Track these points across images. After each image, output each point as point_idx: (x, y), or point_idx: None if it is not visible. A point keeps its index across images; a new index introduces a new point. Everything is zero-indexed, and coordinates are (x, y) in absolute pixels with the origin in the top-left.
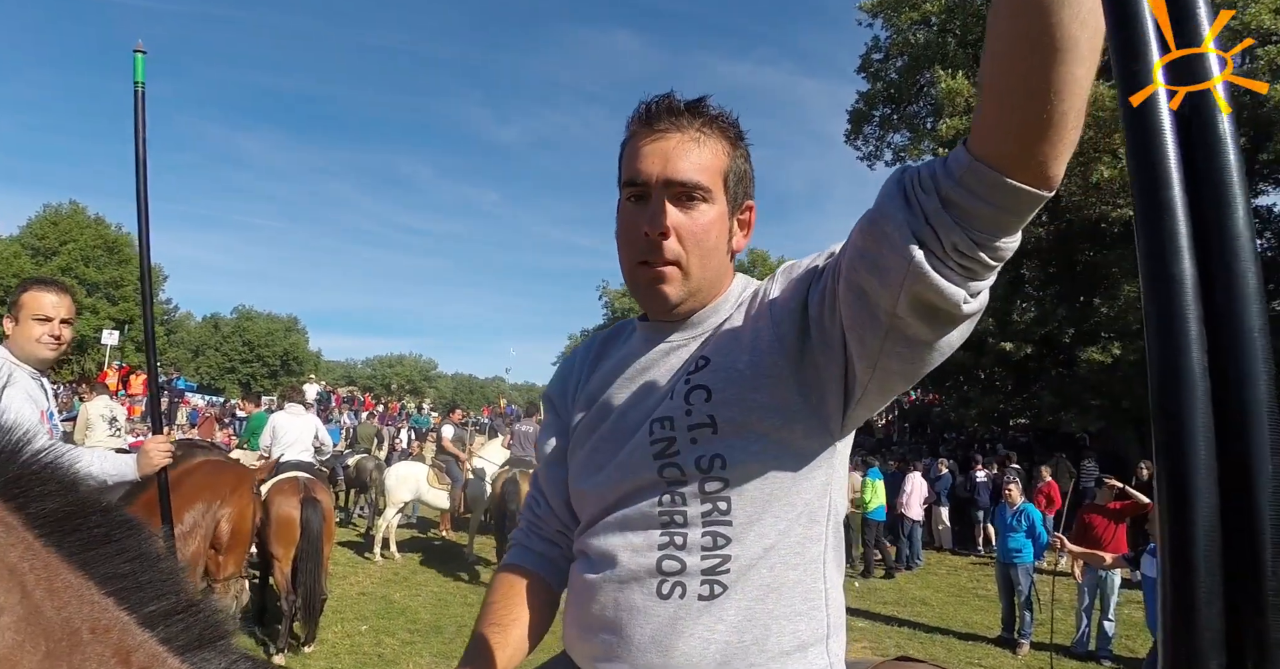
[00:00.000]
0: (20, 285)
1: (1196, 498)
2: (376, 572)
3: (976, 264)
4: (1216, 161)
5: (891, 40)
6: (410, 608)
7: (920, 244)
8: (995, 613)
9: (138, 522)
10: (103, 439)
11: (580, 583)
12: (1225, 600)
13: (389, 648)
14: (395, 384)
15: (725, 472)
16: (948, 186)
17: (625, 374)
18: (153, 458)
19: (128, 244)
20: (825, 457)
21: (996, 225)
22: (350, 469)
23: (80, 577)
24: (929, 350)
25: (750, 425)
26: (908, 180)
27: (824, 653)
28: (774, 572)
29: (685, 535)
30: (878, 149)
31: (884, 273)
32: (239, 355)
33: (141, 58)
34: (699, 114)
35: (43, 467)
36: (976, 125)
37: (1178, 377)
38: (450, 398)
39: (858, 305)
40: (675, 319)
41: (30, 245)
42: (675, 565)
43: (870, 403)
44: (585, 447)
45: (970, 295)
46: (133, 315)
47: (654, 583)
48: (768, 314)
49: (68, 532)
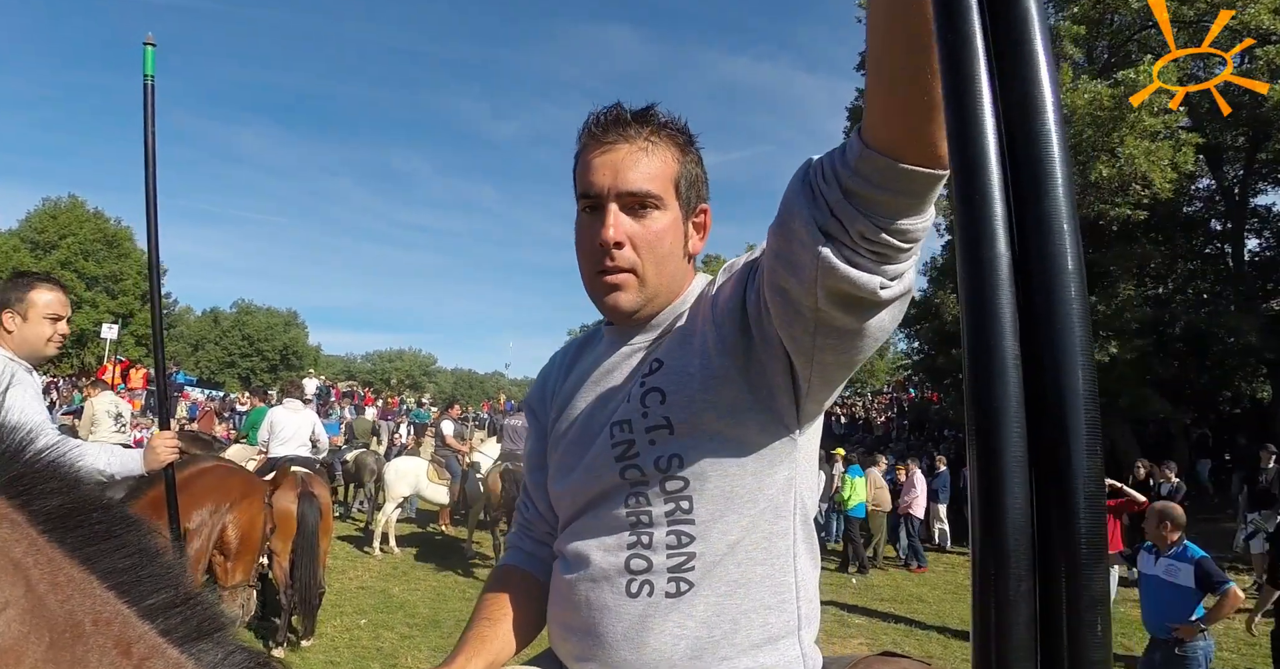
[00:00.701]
0: (21, 282)
1: (1008, 496)
2: (375, 566)
3: (887, 249)
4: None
5: None
6: (409, 602)
7: (827, 236)
8: None
9: (138, 518)
10: (108, 435)
11: (559, 583)
12: (1037, 606)
13: (388, 642)
14: (395, 379)
15: (684, 471)
16: (846, 176)
17: (592, 377)
18: (159, 453)
19: (127, 238)
20: (785, 452)
21: (898, 209)
22: (349, 464)
23: (82, 571)
24: (860, 337)
25: (704, 425)
26: (812, 174)
27: (795, 644)
28: (741, 567)
29: (651, 535)
30: None
31: (798, 270)
32: (239, 350)
33: (151, 51)
34: (646, 123)
35: (45, 465)
36: (866, 114)
37: (991, 366)
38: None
39: (782, 305)
40: (636, 323)
41: (30, 239)
42: (643, 564)
43: (817, 395)
44: (559, 450)
45: (889, 279)
46: (131, 309)
47: (623, 582)
48: (710, 315)
49: (70, 528)
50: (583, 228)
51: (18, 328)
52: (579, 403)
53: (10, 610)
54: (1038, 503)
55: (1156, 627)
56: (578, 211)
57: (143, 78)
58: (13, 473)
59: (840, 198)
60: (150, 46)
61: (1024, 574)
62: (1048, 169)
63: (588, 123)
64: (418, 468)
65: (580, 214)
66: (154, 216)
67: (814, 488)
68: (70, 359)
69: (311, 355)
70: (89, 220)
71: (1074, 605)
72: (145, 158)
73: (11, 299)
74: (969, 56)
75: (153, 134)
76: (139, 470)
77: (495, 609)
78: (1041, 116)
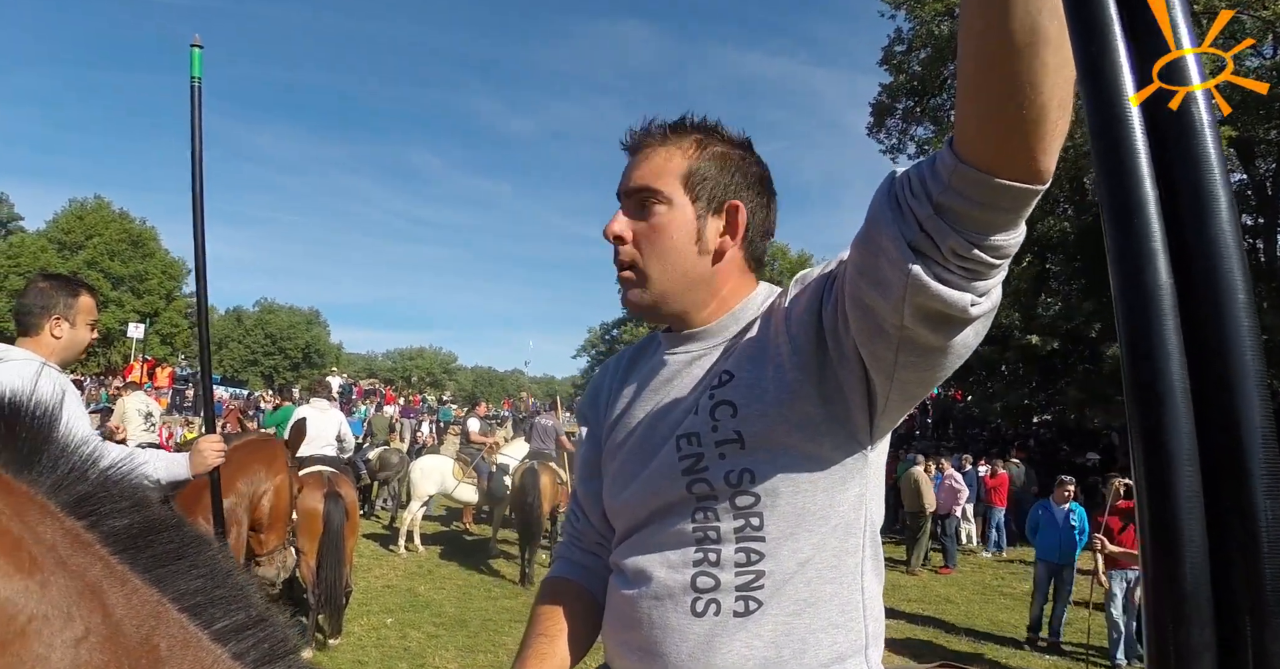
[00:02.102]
0: (66, 287)
1: (1185, 540)
2: (401, 564)
3: (979, 265)
4: (1194, 157)
5: (914, 32)
6: (435, 601)
7: (917, 253)
8: (1022, 612)
9: (207, 537)
10: (138, 433)
11: (617, 598)
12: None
13: (415, 641)
14: (416, 376)
15: (755, 486)
16: (937, 191)
17: (650, 386)
18: (206, 457)
19: (151, 238)
20: (857, 468)
21: (991, 225)
22: (373, 462)
23: (155, 594)
24: (944, 355)
25: (777, 440)
26: (898, 187)
27: (863, 662)
28: (810, 586)
29: (719, 552)
30: (900, 142)
31: (884, 287)
32: (262, 348)
33: (199, 53)
34: (663, 127)
35: (113, 483)
36: (958, 126)
37: (1159, 402)
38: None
39: (865, 320)
40: (685, 329)
41: (57, 240)
42: (710, 582)
43: (894, 412)
44: (615, 461)
45: (978, 296)
46: (156, 308)
47: (688, 600)
48: (784, 327)
49: (141, 548)
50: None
51: (65, 334)
52: (637, 412)
53: (91, 639)
54: (1216, 546)
55: None
56: None
57: (190, 79)
58: (80, 492)
59: (931, 213)
60: (197, 49)
61: (1205, 622)
62: (1210, 189)
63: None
64: (444, 466)
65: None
66: (200, 217)
67: (882, 503)
68: (97, 357)
69: (333, 353)
70: (114, 221)
71: (1262, 654)
72: (192, 160)
73: (60, 305)
74: (1111, 65)
75: (200, 137)
76: (186, 475)
77: (551, 625)
78: (1199, 137)
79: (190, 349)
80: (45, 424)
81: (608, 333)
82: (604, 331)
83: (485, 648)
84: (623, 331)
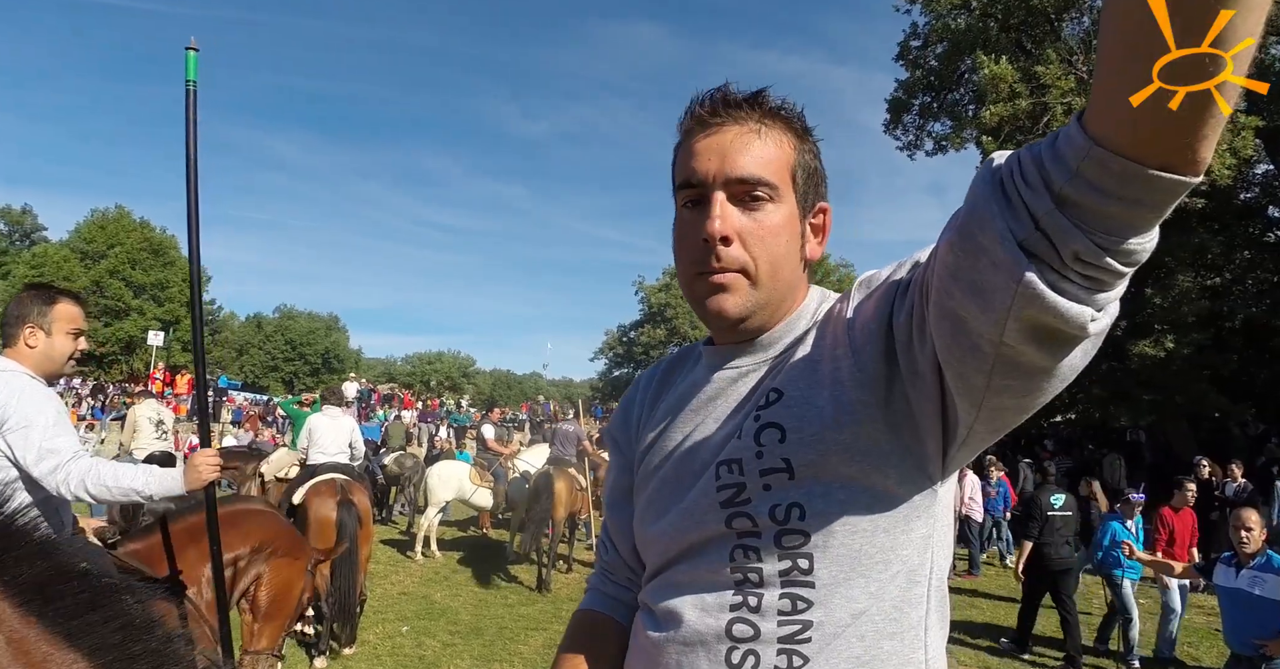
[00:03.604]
0: (42, 295)
1: None
2: (417, 571)
3: (1104, 273)
4: None
5: (930, 26)
6: (451, 608)
7: (1030, 256)
8: (1048, 617)
9: (125, 584)
10: (149, 442)
11: (642, 640)
12: None
13: (430, 650)
14: (434, 381)
15: (805, 523)
16: (1061, 181)
17: (690, 406)
18: (201, 472)
19: (172, 246)
20: (925, 506)
21: (1128, 226)
22: (389, 468)
23: (64, 649)
24: (1047, 378)
25: (832, 470)
26: (1005, 175)
27: None
28: (865, 641)
29: (760, 597)
30: (918, 138)
31: (985, 296)
32: (282, 354)
33: (194, 55)
34: (758, 105)
35: (17, 529)
36: (1098, 103)
37: None
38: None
39: (954, 336)
40: (741, 339)
41: (79, 249)
42: (747, 631)
43: (976, 444)
44: (649, 488)
45: (1097, 310)
46: (178, 316)
47: (723, 649)
48: (846, 339)
49: (49, 599)
50: (683, 224)
51: (40, 343)
52: (674, 433)
53: None
54: None
55: (1241, 643)
56: (677, 207)
57: (185, 83)
58: None
59: (1052, 208)
60: (193, 51)
61: None
62: None
63: (691, 105)
64: (460, 472)
65: (680, 210)
66: (195, 223)
67: (950, 548)
68: (120, 365)
69: (352, 358)
70: (135, 230)
71: None
72: (187, 164)
73: (34, 313)
74: None
75: (194, 140)
76: (179, 491)
77: (576, 665)
78: None
79: (212, 355)
80: None
81: (625, 335)
82: (621, 334)
83: (501, 657)
84: (640, 334)
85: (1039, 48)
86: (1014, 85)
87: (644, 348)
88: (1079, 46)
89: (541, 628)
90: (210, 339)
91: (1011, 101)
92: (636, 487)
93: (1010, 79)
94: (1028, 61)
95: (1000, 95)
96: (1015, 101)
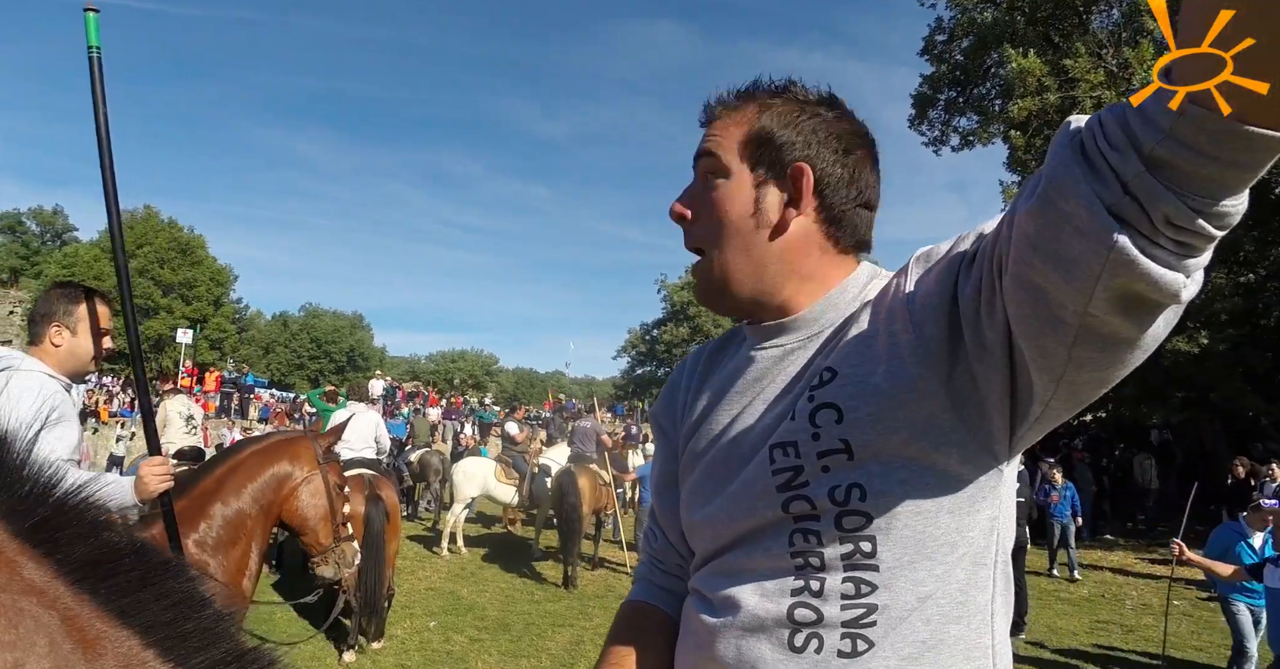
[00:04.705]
0: (68, 294)
1: None
2: (444, 566)
3: (1196, 237)
4: None
5: (956, 20)
6: (478, 604)
7: (1120, 222)
8: (1078, 618)
9: (177, 563)
10: (179, 437)
11: (696, 625)
12: None
13: (457, 645)
14: (458, 379)
15: (865, 504)
16: (1152, 142)
17: (735, 387)
18: (148, 483)
19: (200, 246)
20: (990, 486)
21: (1223, 186)
22: (414, 464)
23: (117, 627)
24: (1130, 349)
25: (893, 450)
26: (1086, 138)
27: None
28: (931, 626)
29: (822, 581)
30: (944, 134)
31: (1070, 266)
32: (307, 352)
33: (94, 17)
34: (733, 93)
35: (70, 507)
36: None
37: None
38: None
39: (1034, 307)
40: (775, 318)
41: (109, 249)
42: (810, 615)
43: (1050, 420)
44: (695, 473)
45: (1188, 276)
46: (205, 314)
47: (785, 634)
48: (905, 314)
49: (101, 577)
50: None
51: (66, 342)
52: (720, 416)
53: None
54: None
55: None
56: None
57: (87, 50)
58: (36, 519)
59: (1141, 170)
60: (92, 13)
61: None
62: None
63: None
64: (486, 468)
65: None
66: (115, 200)
67: (1014, 529)
68: (149, 362)
69: (377, 357)
70: (163, 230)
71: None
72: (98, 136)
73: (60, 312)
74: None
75: (104, 111)
76: (131, 501)
77: (624, 657)
78: None
79: (240, 353)
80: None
81: (648, 333)
82: (644, 332)
83: (528, 653)
84: (663, 332)
85: (1067, 41)
86: (1042, 79)
87: (666, 346)
88: (1108, 40)
89: (568, 624)
90: (237, 337)
91: (1040, 96)
92: (681, 471)
93: (1038, 73)
94: (1055, 55)
95: (1028, 89)
96: (1044, 96)
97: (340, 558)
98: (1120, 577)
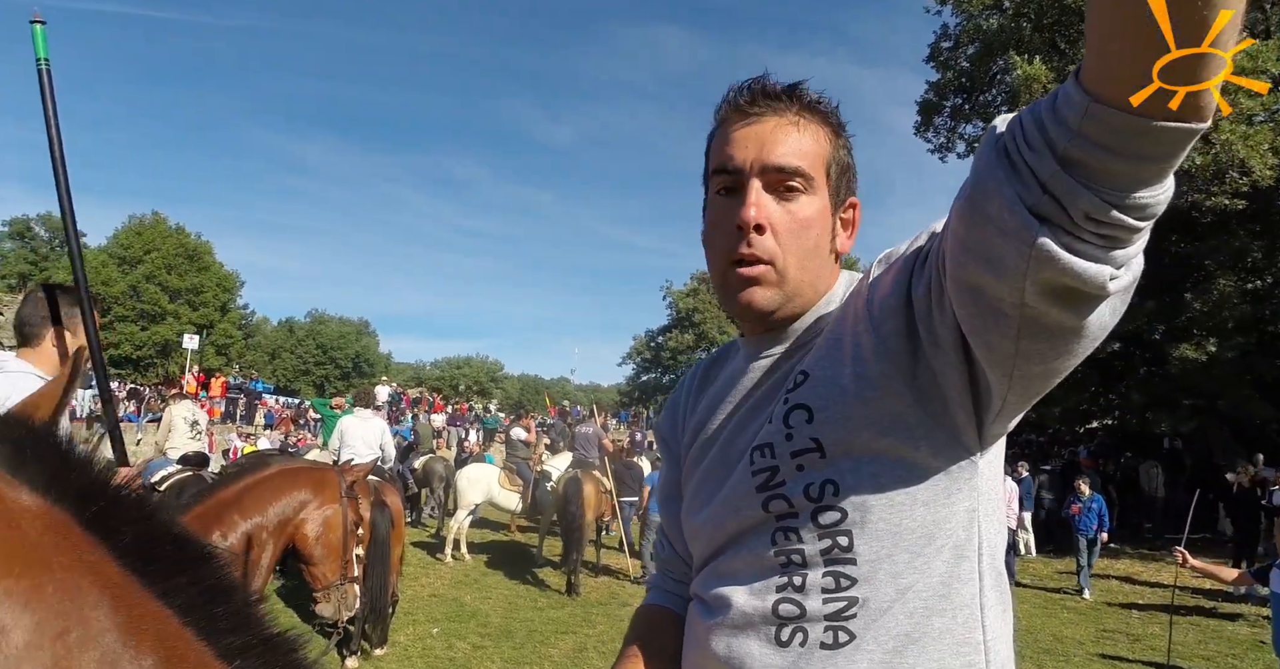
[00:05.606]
0: (67, 297)
1: None
2: (447, 573)
3: (1118, 229)
4: None
5: (962, 27)
6: (481, 611)
7: (1040, 220)
8: (1085, 627)
9: (211, 551)
10: (183, 441)
11: (696, 628)
12: None
13: (460, 652)
14: (463, 385)
15: (839, 500)
16: (1063, 141)
17: (728, 397)
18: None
19: (207, 252)
20: (965, 478)
21: (1136, 179)
22: (418, 470)
23: (160, 607)
24: (1077, 338)
25: (862, 445)
26: (1008, 140)
27: None
28: (913, 618)
29: (804, 576)
30: (949, 141)
31: (998, 264)
32: (313, 358)
33: (41, 29)
34: (797, 98)
35: (123, 497)
36: (1093, 57)
37: None
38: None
39: (975, 304)
40: (772, 328)
41: (117, 255)
42: (794, 610)
43: (1010, 413)
44: (694, 480)
45: (1117, 267)
46: (212, 320)
47: (771, 629)
48: (866, 315)
49: (147, 560)
50: (715, 211)
51: (68, 343)
52: (714, 425)
53: (91, 652)
54: None
55: None
56: (709, 195)
57: (36, 62)
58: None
59: (1056, 170)
60: (39, 25)
61: None
62: None
63: (729, 94)
64: (490, 475)
65: (713, 197)
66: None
67: (1001, 523)
68: (155, 368)
69: (382, 363)
70: (171, 236)
71: None
72: (50, 150)
73: (64, 314)
74: None
75: (56, 124)
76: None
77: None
78: None
79: (246, 359)
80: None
81: (653, 340)
82: (649, 339)
83: (531, 660)
84: (668, 339)
85: (1073, 48)
86: (1048, 86)
87: (672, 353)
88: None
89: (571, 631)
90: (244, 343)
91: None
92: (684, 480)
93: (1044, 79)
94: (1062, 62)
95: (1034, 96)
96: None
97: (342, 599)
98: (1127, 585)
